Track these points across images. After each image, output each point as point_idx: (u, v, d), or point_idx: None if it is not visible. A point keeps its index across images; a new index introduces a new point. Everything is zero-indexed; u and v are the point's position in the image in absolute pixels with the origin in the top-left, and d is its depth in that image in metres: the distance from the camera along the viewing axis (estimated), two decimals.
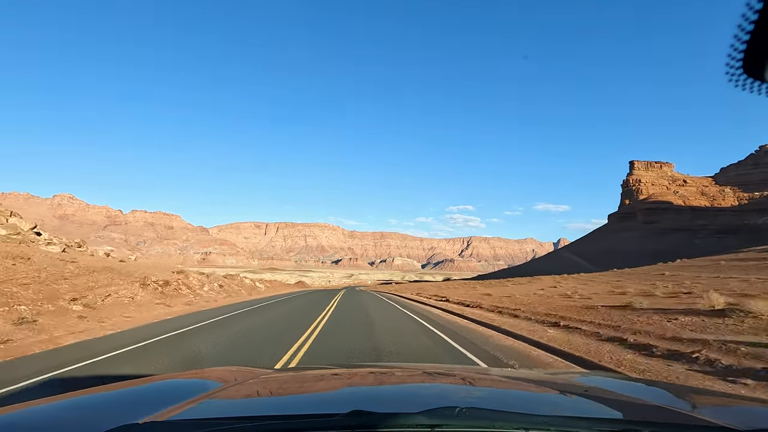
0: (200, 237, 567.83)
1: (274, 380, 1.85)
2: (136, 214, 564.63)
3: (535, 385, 1.83)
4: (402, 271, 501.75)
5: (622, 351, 7.27)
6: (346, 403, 1.39)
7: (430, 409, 1.00)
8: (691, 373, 5.68)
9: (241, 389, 1.61)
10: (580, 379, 2.10)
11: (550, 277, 55.33)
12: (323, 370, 2.25)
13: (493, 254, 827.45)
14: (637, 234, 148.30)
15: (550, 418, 0.99)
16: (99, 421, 1.03)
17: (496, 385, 1.85)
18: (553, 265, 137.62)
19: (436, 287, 56.93)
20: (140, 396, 1.60)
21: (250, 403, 1.48)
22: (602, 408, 1.43)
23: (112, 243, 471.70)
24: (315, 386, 1.80)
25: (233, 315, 15.02)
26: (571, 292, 22.94)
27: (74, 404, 1.42)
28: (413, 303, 24.18)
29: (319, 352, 7.63)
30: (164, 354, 7.43)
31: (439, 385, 1.87)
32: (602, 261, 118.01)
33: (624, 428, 0.95)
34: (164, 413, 1.13)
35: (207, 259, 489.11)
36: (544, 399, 1.58)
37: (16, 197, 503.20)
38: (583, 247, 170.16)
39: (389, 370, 2.27)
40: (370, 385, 1.87)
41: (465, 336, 10.12)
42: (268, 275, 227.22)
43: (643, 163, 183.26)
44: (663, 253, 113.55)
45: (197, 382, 1.85)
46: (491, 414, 1.00)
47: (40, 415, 1.27)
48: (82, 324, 10.96)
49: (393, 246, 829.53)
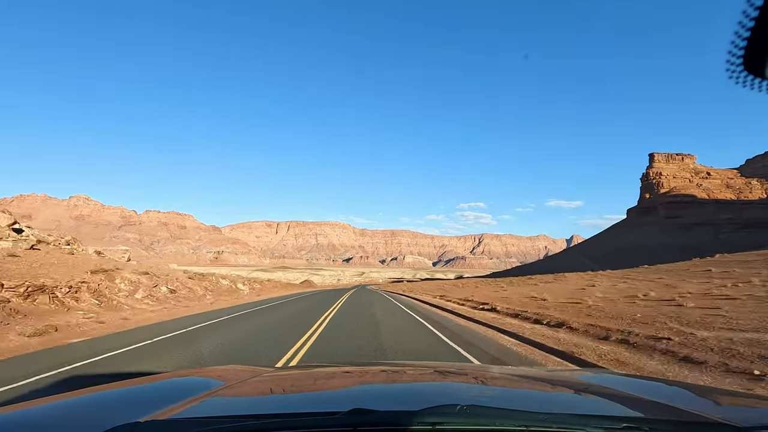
0: (213, 236, 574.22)
1: (276, 378, 1.85)
2: (150, 214, 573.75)
3: (542, 384, 1.83)
4: (413, 269, 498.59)
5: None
6: (348, 401, 1.40)
7: (431, 407, 1.00)
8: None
9: (243, 387, 1.60)
10: (582, 377, 2.09)
11: (575, 274, 51.90)
12: (327, 368, 2.24)
13: (505, 251, 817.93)
14: (658, 229, 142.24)
15: (550, 415, 1.00)
16: (101, 419, 1.04)
17: (506, 383, 1.83)
18: (570, 262, 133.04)
19: (456, 287, 54.03)
20: (142, 395, 1.60)
21: (251, 402, 1.49)
22: (602, 405, 1.43)
23: (127, 243, 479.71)
24: (318, 384, 1.79)
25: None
26: (630, 293, 19.05)
27: (76, 403, 1.42)
28: (445, 314, 16.89)
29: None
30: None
31: (444, 383, 1.85)
32: (624, 257, 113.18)
33: (624, 425, 0.97)
34: (166, 412, 1.13)
35: (219, 258, 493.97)
36: (549, 397, 1.60)
37: (33, 199, 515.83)
38: (601, 243, 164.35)
39: (399, 369, 2.23)
40: (374, 383, 1.85)
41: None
42: (279, 274, 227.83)
43: (664, 155, 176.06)
44: (688, 248, 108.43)
45: (199, 380, 1.85)
46: (492, 411, 1.01)
47: (42, 414, 1.27)
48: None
49: (404, 244, 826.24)
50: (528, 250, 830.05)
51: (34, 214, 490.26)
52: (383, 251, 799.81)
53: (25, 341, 9.02)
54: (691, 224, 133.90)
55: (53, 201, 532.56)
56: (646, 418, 1.15)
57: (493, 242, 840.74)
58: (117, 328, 11.74)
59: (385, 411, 1.02)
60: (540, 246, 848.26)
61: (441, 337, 10.22)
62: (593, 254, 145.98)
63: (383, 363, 3.59)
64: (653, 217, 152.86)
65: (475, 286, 49.06)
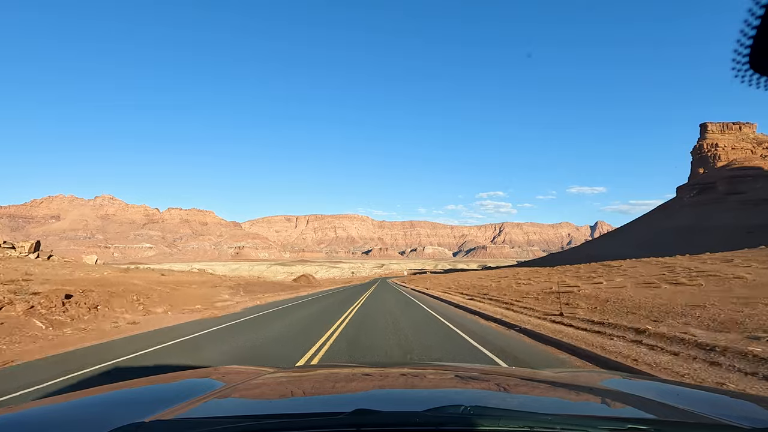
0: (233, 232, 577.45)
1: (280, 379, 1.83)
2: (171, 211, 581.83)
3: (547, 385, 1.80)
4: (434, 260, 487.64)
5: None
6: (353, 401, 1.34)
7: (435, 407, 0.99)
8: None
9: (247, 388, 1.60)
10: (588, 379, 2.06)
11: (637, 261, 40.00)
12: (334, 369, 2.20)
13: (527, 240, 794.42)
14: (719, 208, 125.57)
15: (555, 416, 0.99)
16: (105, 419, 1.04)
17: (516, 385, 1.77)
18: (615, 248, 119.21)
19: (495, 280, 43.44)
20: (145, 395, 1.59)
21: (255, 402, 1.48)
22: (607, 406, 1.42)
23: (150, 240, 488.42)
24: (322, 385, 1.77)
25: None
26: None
27: (80, 403, 1.41)
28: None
29: None
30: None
31: (452, 383, 1.82)
32: (683, 241, 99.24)
33: (628, 426, 0.96)
34: (170, 412, 1.13)
35: (240, 253, 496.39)
36: (553, 398, 1.59)
37: (61, 200, 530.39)
38: (649, 225, 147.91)
39: (412, 371, 2.18)
40: (380, 384, 1.81)
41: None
42: (298, 267, 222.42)
43: (718, 125, 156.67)
44: (762, 228, 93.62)
45: (203, 381, 1.84)
46: (496, 412, 1.00)
47: (46, 414, 1.27)
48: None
49: (423, 235, 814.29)
50: (551, 239, 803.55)
51: (63, 214, 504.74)
52: (402, 243, 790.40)
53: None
54: (759, 200, 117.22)
55: (80, 201, 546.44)
56: (650, 419, 1.15)
57: (514, 231, 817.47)
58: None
59: (388, 411, 1.02)
60: (563, 234, 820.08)
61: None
62: (641, 239, 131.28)
63: (392, 365, 3.52)
64: (711, 195, 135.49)
65: (526, 280, 38.53)
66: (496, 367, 4.37)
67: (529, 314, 13.66)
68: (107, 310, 14.51)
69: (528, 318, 12.74)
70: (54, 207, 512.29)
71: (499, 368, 3.87)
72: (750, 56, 0.87)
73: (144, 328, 12.08)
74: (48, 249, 42.62)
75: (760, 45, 0.85)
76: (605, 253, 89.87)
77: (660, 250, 67.80)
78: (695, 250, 52.39)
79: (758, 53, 0.86)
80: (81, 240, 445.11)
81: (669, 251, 57.80)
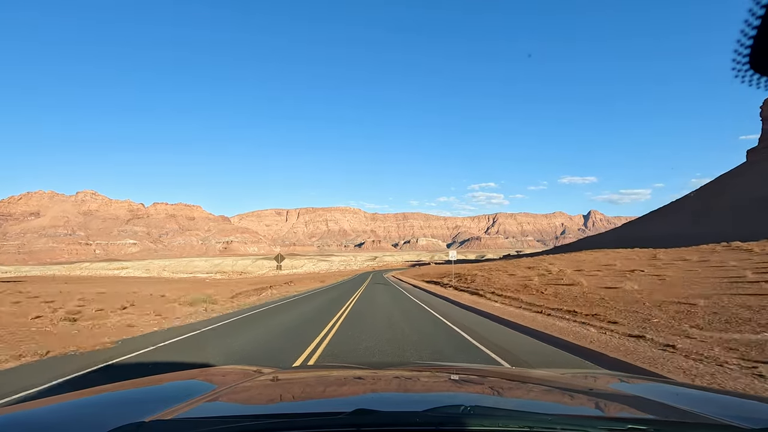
0: (222, 226, 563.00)
1: (281, 379, 1.83)
2: (157, 206, 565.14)
3: (548, 385, 1.80)
4: (428, 252, 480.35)
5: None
6: (353, 401, 1.35)
7: (435, 407, 1.00)
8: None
9: (246, 388, 1.60)
10: (587, 379, 2.07)
11: (729, 247, 30.54)
12: (334, 369, 2.23)
13: (521, 230, 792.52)
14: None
15: (555, 416, 0.99)
16: (105, 419, 1.04)
17: (517, 386, 1.78)
18: (661, 229, 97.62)
19: (512, 275, 34.10)
20: (145, 395, 1.59)
21: (255, 402, 1.48)
22: (607, 406, 1.44)
23: (135, 236, 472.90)
24: (323, 385, 1.78)
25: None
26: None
27: (80, 403, 1.41)
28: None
29: None
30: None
31: (451, 383, 1.82)
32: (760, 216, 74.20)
33: (629, 426, 0.96)
34: (170, 412, 1.14)
35: (229, 248, 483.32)
36: (554, 398, 1.60)
37: (41, 196, 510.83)
38: (713, 198, 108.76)
39: (412, 371, 2.16)
40: (378, 384, 1.82)
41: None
42: (287, 261, 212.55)
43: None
44: None
45: (203, 381, 1.85)
46: (496, 412, 1.00)
47: (46, 414, 1.27)
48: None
49: (416, 227, 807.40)
50: (545, 228, 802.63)
51: (43, 210, 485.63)
52: (395, 235, 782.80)
53: None
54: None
55: (61, 197, 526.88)
56: (650, 419, 1.15)
57: (507, 221, 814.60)
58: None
59: (388, 411, 1.03)
60: (557, 223, 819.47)
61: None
62: (694, 215, 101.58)
63: (391, 365, 3.51)
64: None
65: (571, 268, 29.06)
66: (496, 367, 4.39)
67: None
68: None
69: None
70: (33, 203, 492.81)
71: (498, 368, 3.82)
72: (750, 56, 0.87)
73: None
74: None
75: (760, 45, 0.85)
76: (639, 235, 76.38)
77: (729, 232, 51.27)
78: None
79: (758, 53, 0.86)
80: (61, 237, 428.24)
81: (741, 229, 43.11)
